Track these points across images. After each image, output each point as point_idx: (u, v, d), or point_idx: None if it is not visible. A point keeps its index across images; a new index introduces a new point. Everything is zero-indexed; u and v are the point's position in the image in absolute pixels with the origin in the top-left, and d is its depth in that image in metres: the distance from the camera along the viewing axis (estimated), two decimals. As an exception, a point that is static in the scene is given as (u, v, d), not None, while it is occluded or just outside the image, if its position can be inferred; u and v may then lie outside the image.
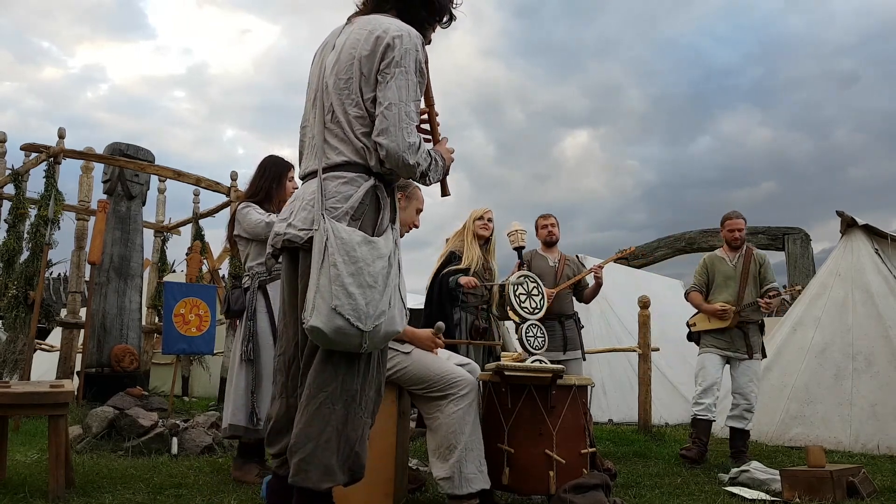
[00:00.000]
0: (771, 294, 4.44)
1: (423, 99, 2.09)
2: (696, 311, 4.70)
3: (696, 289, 4.68)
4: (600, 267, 4.69)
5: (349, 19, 2.07)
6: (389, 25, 1.93)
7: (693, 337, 4.73)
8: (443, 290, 4.30)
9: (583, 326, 4.92)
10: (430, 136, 2.18)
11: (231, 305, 3.35)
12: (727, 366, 4.54)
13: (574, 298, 4.85)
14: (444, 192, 2.27)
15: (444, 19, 2.12)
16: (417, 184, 2.82)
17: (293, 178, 3.49)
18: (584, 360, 4.78)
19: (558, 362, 4.48)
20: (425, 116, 2.16)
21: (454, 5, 2.13)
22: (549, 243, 4.85)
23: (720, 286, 4.58)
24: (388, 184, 1.97)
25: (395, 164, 1.86)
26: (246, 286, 3.32)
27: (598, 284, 4.72)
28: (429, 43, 2.11)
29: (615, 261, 5.27)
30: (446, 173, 2.16)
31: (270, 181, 3.41)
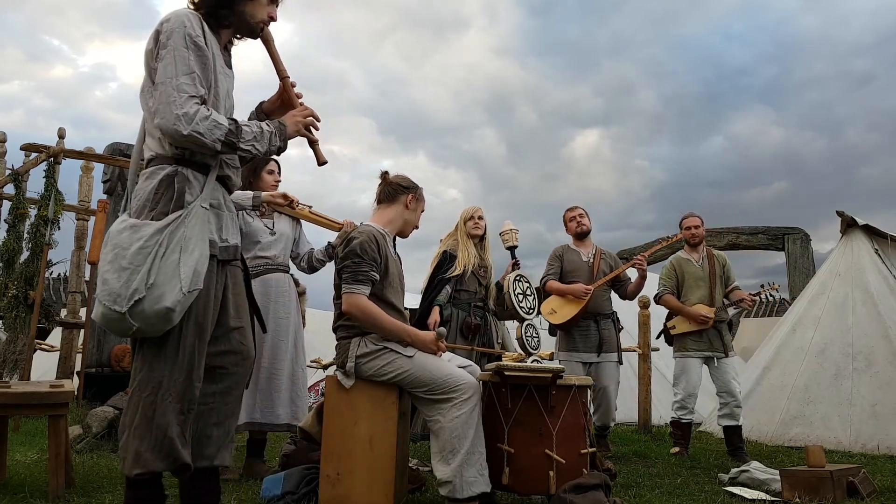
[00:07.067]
0: (752, 294, 4.53)
1: (277, 73, 2.12)
2: (670, 312, 4.64)
3: (669, 291, 4.62)
4: (643, 257, 4.37)
5: None
6: (163, 16, 1.96)
7: (669, 339, 4.66)
8: (439, 290, 4.20)
9: (622, 328, 4.66)
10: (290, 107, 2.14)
11: None
12: (705, 366, 4.56)
13: (615, 295, 4.61)
14: (319, 161, 2.17)
15: None
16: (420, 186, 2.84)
17: (273, 171, 3.58)
18: (622, 363, 4.49)
19: (590, 364, 4.34)
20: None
21: None
22: (581, 235, 4.61)
23: (692, 287, 4.58)
24: (198, 165, 1.96)
25: (175, 140, 1.88)
26: None
27: (643, 277, 4.42)
28: (273, 20, 2.07)
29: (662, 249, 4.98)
30: (314, 141, 2.11)
31: (248, 172, 3.49)
